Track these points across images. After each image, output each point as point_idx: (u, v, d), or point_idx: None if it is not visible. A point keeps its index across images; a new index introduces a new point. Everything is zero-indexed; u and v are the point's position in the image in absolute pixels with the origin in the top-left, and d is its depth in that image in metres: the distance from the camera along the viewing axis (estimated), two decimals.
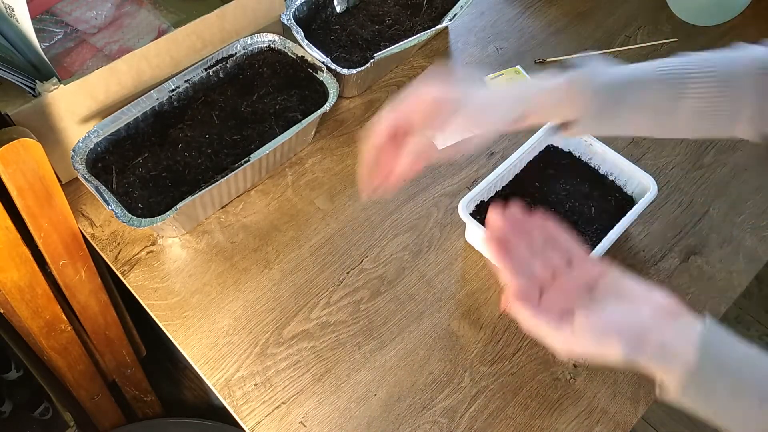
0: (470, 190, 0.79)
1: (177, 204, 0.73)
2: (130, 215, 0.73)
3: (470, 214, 0.77)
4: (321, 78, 0.86)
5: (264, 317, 0.76)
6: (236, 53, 0.88)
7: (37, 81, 0.74)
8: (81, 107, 0.78)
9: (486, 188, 0.79)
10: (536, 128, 0.89)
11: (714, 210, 0.88)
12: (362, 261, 0.81)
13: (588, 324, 0.52)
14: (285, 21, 0.92)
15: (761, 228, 0.86)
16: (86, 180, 0.74)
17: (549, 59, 1.03)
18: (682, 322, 0.52)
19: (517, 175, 0.84)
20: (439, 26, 0.94)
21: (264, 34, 0.89)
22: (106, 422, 1.18)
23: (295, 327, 0.75)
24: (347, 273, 0.80)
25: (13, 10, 0.70)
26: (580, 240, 0.78)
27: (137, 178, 0.78)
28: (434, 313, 0.77)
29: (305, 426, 0.69)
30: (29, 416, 1.14)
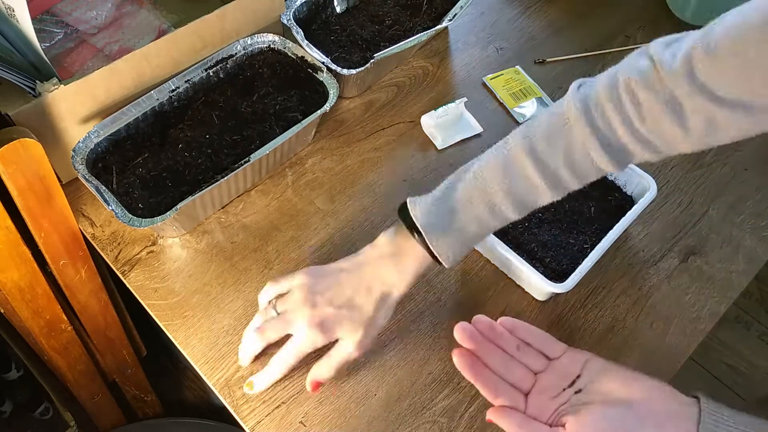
0: None
1: (177, 204, 0.73)
2: (131, 215, 0.73)
3: None
4: (321, 78, 0.86)
5: None
6: (236, 53, 0.88)
7: (37, 81, 0.74)
8: (81, 107, 0.78)
9: None
10: None
11: (714, 210, 0.88)
12: None
13: (581, 431, 0.52)
14: (285, 21, 0.92)
15: (761, 228, 0.86)
16: (86, 180, 0.74)
17: (549, 59, 1.03)
18: (677, 410, 0.51)
19: None
20: (439, 26, 0.94)
21: (264, 35, 0.89)
22: (106, 422, 1.18)
23: None
24: None
25: (13, 11, 0.70)
26: (580, 240, 0.79)
27: (137, 178, 0.78)
28: (434, 313, 0.77)
29: (305, 426, 0.69)
30: (29, 416, 1.14)
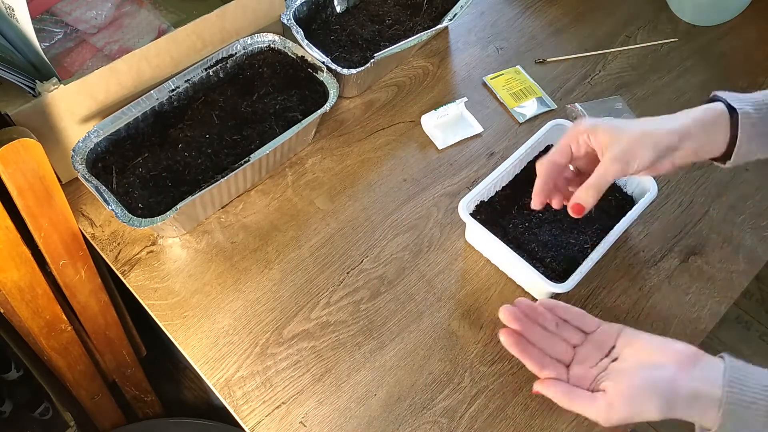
0: (470, 190, 0.79)
1: (177, 204, 0.73)
2: (130, 215, 0.73)
3: (470, 214, 0.77)
4: (321, 78, 0.86)
5: (264, 317, 0.76)
6: (236, 53, 0.88)
7: (37, 81, 0.74)
8: (81, 107, 0.78)
9: (486, 188, 0.79)
10: (538, 129, 0.90)
11: (714, 210, 0.88)
12: (362, 261, 0.81)
13: (620, 393, 0.55)
14: (285, 21, 0.92)
15: (761, 228, 0.86)
16: (86, 180, 0.74)
17: (549, 59, 1.03)
18: (705, 367, 0.55)
19: (517, 175, 0.84)
20: (439, 26, 0.94)
21: (264, 34, 0.89)
22: (106, 422, 1.18)
23: (295, 327, 0.76)
24: (347, 273, 0.80)
25: (13, 10, 0.70)
26: (581, 240, 0.79)
27: (137, 178, 0.78)
28: (434, 313, 0.77)
29: (305, 426, 0.69)
30: (29, 416, 1.14)
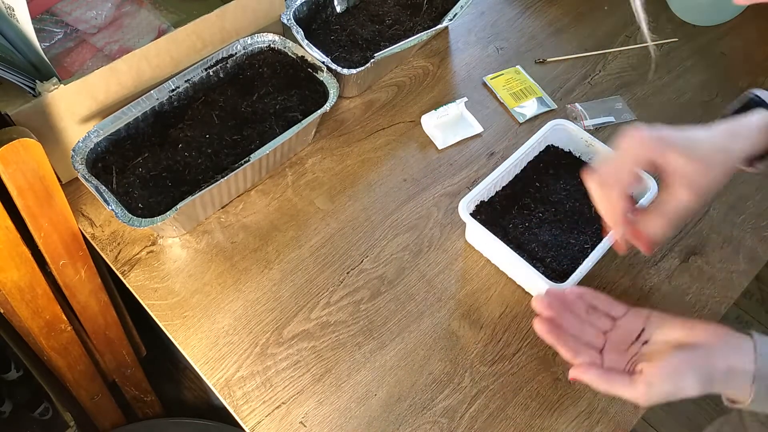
0: (470, 190, 0.79)
1: (177, 204, 0.73)
2: (130, 215, 0.73)
3: (470, 214, 0.77)
4: (321, 78, 0.86)
5: (264, 317, 0.76)
6: (236, 53, 0.88)
7: (37, 81, 0.74)
8: (81, 107, 0.78)
9: (486, 188, 0.79)
10: (538, 129, 0.90)
11: (714, 210, 0.88)
12: (362, 261, 0.81)
13: (658, 372, 0.56)
14: (285, 21, 0.92)
15: (761, 228, 0.86)
16: (86, 180, 0.74)
17: (549, 59, 1.03)
18: (736, 344, 0.57)
19: (517, 175, 0.84)
20: (439, 26, 0.94)
21: (264, 34, 0.89)
22: (106, 422, 1.18)
23: (295, 327, 0.75)
24: (347, 273, 0.80)
25: (13, 10, 0.70)
26: (581, 240, 0.79)
27: (137, 178, 0.78)
28: (434, 313, 0.77)
29: (305, 426, 0.69)
30: (29, 416, 1.14)
